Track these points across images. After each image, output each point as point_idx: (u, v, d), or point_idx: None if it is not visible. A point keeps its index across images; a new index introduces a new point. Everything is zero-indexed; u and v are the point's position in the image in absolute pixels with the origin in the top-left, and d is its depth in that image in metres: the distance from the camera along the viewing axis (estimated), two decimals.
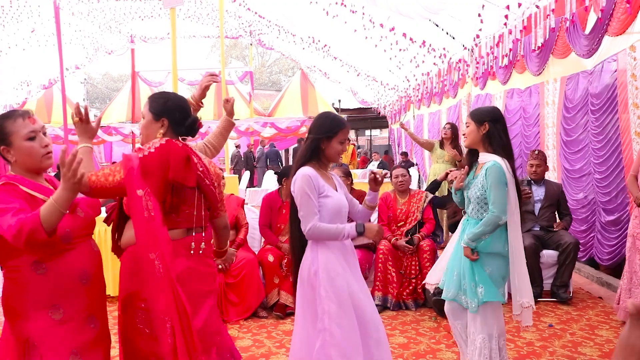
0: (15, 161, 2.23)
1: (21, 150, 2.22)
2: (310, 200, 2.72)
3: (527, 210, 5.40)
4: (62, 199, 2.05)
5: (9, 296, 2.19)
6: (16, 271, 2.16)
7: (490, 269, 3.15)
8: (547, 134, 7.21)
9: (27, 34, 12.62)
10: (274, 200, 5.24)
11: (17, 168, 2.26)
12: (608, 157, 5.62)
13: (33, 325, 2.15)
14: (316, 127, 2.86)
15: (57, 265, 2.19)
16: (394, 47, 9.97)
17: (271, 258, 4.94)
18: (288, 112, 19.12)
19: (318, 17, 10.80)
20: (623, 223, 5.44)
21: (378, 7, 8.24)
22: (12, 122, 2.21)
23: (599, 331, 4.33)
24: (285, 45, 16.37)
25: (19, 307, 2.17)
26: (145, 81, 18.86)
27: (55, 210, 2.02)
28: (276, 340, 4.27)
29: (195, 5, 14.07)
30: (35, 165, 2.25)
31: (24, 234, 1.96)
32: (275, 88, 34.94)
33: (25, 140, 2.21)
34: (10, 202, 2.08)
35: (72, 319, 2.21)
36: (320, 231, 2.72)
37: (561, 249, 5.12)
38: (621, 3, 4.67)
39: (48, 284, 2.17)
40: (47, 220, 1.99)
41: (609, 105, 5.54)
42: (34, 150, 2.23)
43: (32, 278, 2.16)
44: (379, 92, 16.44)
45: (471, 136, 3.20)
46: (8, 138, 2.21)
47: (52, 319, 2.18)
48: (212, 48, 36.39)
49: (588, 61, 5.75)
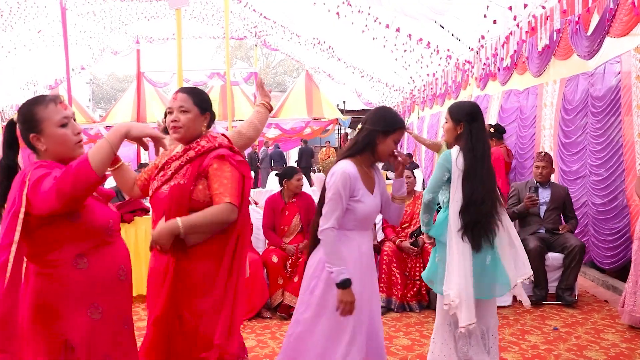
0: (45, 150, 2.06)
1: (53, 138, 2.05)
2: (340, 201, 2.57)
3: (532, 212, 5.39)
4: (114, 135, 1.95)
5: (44, 293, 2.00)
6: (55, 266, 1.99)
7: (438, 257, 3.18)
8: (543, 136, 7.23)
9: (34, 34, 12.67)
10: (276, 202, 5.24)
11: (46, 157, 2.08)
12: (607, 160, 5.61)
13: (72, 325, 2.00)
14: (374, 119, 2.69)
15: (99, 259, 2.06)
16: (400, 48, 9.97)
17: (275, 259, 4.94)
18: (293, 113, 19.11)
19: (323, 18, 10.82)
20: (622, 226, 5.42)
21: (384, 7, 8.24)
22: (44, 108, 2.04)
23: (604, 335, 4.31)
24: (290, 47, 16.39)
25: (56, 305, 1.99)
26: (151, 82, 18.89)
27: (106, 146, 1.90)
28: (280, 341, 4.26)
29: (200, 6, 14.11)
30: (67, 154, 2.08)
31: (71, 175, 1.81)
32: (280, 89, 34.94)
33: (58, 127, 2.05)
34: (51, 169, 1.97)
35: (109, 319, 2.09)
36: (330, 241, 2.57)
37: (567, 251, 5.10)
38: (624, 4, 4.65)
39: (89, 280, 2.03)
40: (97, 159, 1.85)
41: (612, 108, 5.53)
42: (67, 137, 2.07)
43: (72, 273, 2.00)
44: (383, 93, 16.43)
45: (449, 134, 3.20)
46: (39, 125, 2.04)
47: (92, 318, 2.04)
48: (217, 49, 36.47)
49: (589, 63, 5.73)
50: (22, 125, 2.08)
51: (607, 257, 5.65)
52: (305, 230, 5.22)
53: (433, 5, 7.09)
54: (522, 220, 5.48)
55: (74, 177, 1.81)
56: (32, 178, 1.91)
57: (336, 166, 2.64)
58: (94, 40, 15.49)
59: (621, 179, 5.41)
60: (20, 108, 2.09)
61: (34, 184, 1.89)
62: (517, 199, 5.45)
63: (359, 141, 2.69)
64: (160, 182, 2.42)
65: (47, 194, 1.83)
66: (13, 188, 1.97)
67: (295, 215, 5.21)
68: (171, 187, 2.37)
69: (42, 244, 1.98)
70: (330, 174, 2.64)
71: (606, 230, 5.67)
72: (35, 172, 1.93)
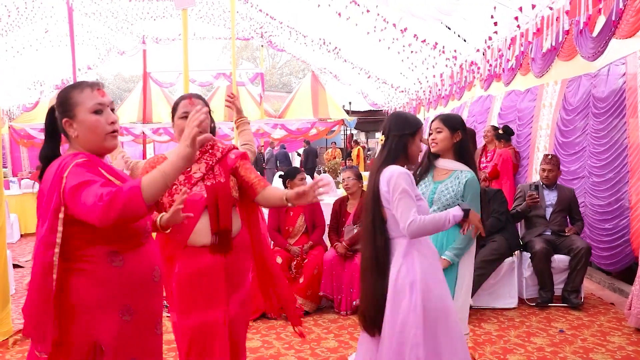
0: (76, 137, 1.96)
1: (85, 124, 1.94)
2: (410, 198, 2.53)
3: (538, 214, 5.38)
4: (171, 168, 1.77)
5: (76, 291, 1.88)
6: (90, 262, 1.88)
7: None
8: (539, 136, 7.25)
9: (41, 34, 12.72)
10: None
11: (77, 146, 1.98)
12: (611, 161, 5.59)
13: (103, 326, 1.90)
14: (399, 125, 2.71)
15: (134, 258, 1.96)
16: (406, 49, 9.95)
17: (279, 260, 4.94)
18: (298, 113, 19.12)
19: (329, 19, 10.80)
20: (622, 228, 5.40)
21: (390, 7, 8.22)
22: (79, 93, 1.95)
23: (610, 337, 4.28)
24: (297, 47, 16.39)
25: (88, 303, 1.88)
26: (157, 82, 18.92)
27: (160, 179, 1.75)
28: (285, 342, 4.26)
29: (207, 7, 14.12)
30: (97, 143, 1.97)
31: (119, 203, 1.67)
32: (286, 90, 34.98)
33: (91, 113, 1.94)
34: (96, 175, 1.84)
35: (140, 322, 1.99)
36: (424, 224, 2.49)
37: (573, 254, 5.08)
38: (631, 5, 4.63)
39: (123, 279, 1.92)
40: (149, 191, 1.72)
41: (616, 109, 5.51)
42: (99, 125, 1.95)
43: (107, 270, 1.90)
44: (389, 94, 16.41)
45: (444, 143, 3.20)
46: (73, 109, 1.94)
47: (123, 320, 1.93)
48: (223, 49, 36.56)
49: (593, 64, 5.72)
50: (57, 109, 2.00)
51: (603, 258, 5.62)
52: (310, 231, 5.22)
53: (440, 6, 7.07)
54: (528, 222, 5.47)
55: (123, 206, 1.68)
56: (71, 179, 1.79)
57: (389, 170, 2.59)
58: (101, 41, 15.53)
59: (625, 181, 5.39)
60: (60, 92, 2.01)
61: (72, 189, 1.77)
62: (522, 200, 5.44)
63: (391, 149, 2.69)
64: (189, 185, 2.54)
65: (89, 209, 1.72)
66: (48, 179, 1.86)
67: (300, 216, 5.20)
68: (208, 187, 2.54)
69: (76, 239, 1.87)
70: (386, 181, 2.56)
71: (604, 232, 5.66)
72: (74, 173, 1.81)
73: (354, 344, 4.18)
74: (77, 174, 1.80)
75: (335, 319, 4.81)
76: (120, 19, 14.34)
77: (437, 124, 3.23)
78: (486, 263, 4.94)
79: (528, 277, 5.21)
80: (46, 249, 1.79)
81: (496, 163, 7.42)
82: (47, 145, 2.03)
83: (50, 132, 2.04)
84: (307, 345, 4.18)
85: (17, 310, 4.99)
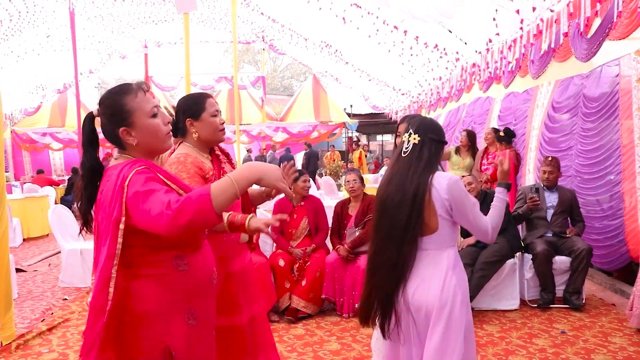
0: (136, 144, 1.87)
1: (146, 129, 1.86)
2: (476, 204, 2.44)
3: (539, 216, 5.39)
4: (243, 177, 1.74)
5: (145, 297, 1.82)
6: (157, 267, 1.84)
7: None
8: (532, 136, 7.30)
9: (43, 39, 12.76)
10: (285, 206, 5.24)
11: (135, 153, 1.89)
12: (601, 161, 5.61)
13: (172, 331, 1.85)
14: (436, 131, 2.49)
15: (197, 261, 1.93)
16: (407, 52, 9.97)
17: (282, 263, 4.95)
18: (300, 117, 19.16)
19: (330, 22, 10.82)
20: (615, 227, 5.42)
21: (391, 8, 8.24)
22: (133, 98, 1.85)
23: (612, 338, 4.29)
24: (298, 50, 16.43)
25: (156, 309, 1.83)
26: (158, 86, 18.97)
27: (231, 188, 1.70)
28: (288, 345, 4.27)
29: (208, 10, 14.16)
30: (158, 146, 1.92)
31: (189, 212, 1.62)
32: (288, 93, 35.02)
33: (150, 117, 1.87)
34: (158, 183, 1.78)
35: (203, 325, 1.96)
36: (496, 222, 2.49)
37: (574, 255, 5.09)
38: (626, 7, 4.65)
39: (188, 283, 1.89)
40: (219, 200, 1.67)
41: (608, 109, 5.55)
42: (160, 128, 1.90)
43: (173, 275, 1.86)
44: (390, 97, 16.43)
45: None
46: (130, 117, 1.84)
47: (188, 324, 1.90)
48: (225, 53, 36.57)
49: (587, 65, 5.77)
50: (108, 118, 1.88)
51: (597, 257, 5.64)
52: (313, 234, 5.22)
53: (441, 7, 7.08)
54: (530, 224, 5.48)
55: (193, 215, 1.63)
56: (134, 188, 1.73)
57: (446, 178, 2.42)
58: (103, 45, 15.58)
59: (617, 181, 5.42)
60: (105, 100, 1.90)
61: (136, 197, 1.71)
62: (523, 202, 5.46)
63: (432, 154, 2.46)
64: None
65: (154, 218, 1.66)
66: (108, 190, 1.78)
67: (303, 219, 5.21)
68: None
69: (139, 246, 1.81)
70: (446, 188, 2.38)
71: (595, 230, 5.70)
72: (135, 182, 1.75)
73: (357, 346, 4.19)
74: (138, 183, 1.74)
75: (337, 322, 4.82)
76: (122, 23, 14.38)
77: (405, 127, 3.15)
78: (488, 265, 4.96)
79: (530, 278, 5.22)
80: (107, 262, 1.74)
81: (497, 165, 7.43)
82: (90, 155, 1.90)
83: (91, 140, 1.92)
84: (309, 347, 4.19)
85: (19, 315, 5.02)
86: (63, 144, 18.29)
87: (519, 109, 7.91)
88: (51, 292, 5.98)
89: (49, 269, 7.28)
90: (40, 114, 17.91)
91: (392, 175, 2.49)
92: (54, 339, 4.47)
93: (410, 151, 2.46)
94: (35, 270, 7.20)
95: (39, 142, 18.04)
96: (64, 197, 13.35)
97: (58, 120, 18.60)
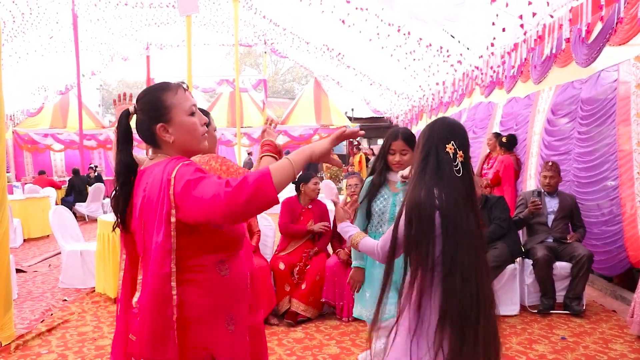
0: (173, 142, 1.84)
1: (184, 127, 1.84)
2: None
3: (540, 221, 5.39)
4: (301, 158, 1.71)
5: (189, 302, 1.76)
6: (202, 271, 1.79)
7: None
8: (533, 141, 7.32)
9: (46, 40, 12.80)
10: (294, 205, 5.26)
11: (171, 151, 1.86)
12: (596, 165, 5.64)
13: (215, 337, 1.82)
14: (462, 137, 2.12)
15: (236, 266, 1.90)
16: (409, 56, 9.98)
17: (282, 266, 4.95)
18: (301, 120, 19.17)
19: (332, 25, 10.84)
20: (614, 233, 5.42)
21: (395, 9, 8.25)
22: (173, 94, 1.84)
23: (612, 345, 4.28)
24: (299, 54, 16.45)
25: (200, 315, 1.79)
26: None
27: (289, 167, 1.66)
28: (287, 348, 4.27)
29: (210, 13, 14.19)
30: (194, 146, 1.89)
31: (250, 187, 1.56)
32: (289, 96, 35.06)
33: (188, 115, 1.85)
34: (199, 168, 1.73)
35: (239, 330, 1.91)
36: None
37: (574, 261, 5.08)
38: (626, 13, 4.66)
39: (229, 288, 1.85)
40: (279, 177, 1.62)
41: (604, 114, 5.57)
42: (197, 127, 1.87)
43: (216, 280, 1.82)
44: (391, 101, 16.45)
45: (408, 164, 3.06)
46: (169, 113, 1.82)
47: (228, 330, 1.85)
48: (227, 55, 36.60)
49: (586, 70, 5.78)
50: (146, 114, 1.85)
51: (596, 262, 5.63)
52: (316, 237, 5.22)
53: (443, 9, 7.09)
54: (530, 229, 5.48)
55: (253, 191, 1.57)
56: (183, 178, 1.68)
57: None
58: (105, 47, 15.61)
59: (615, 187, 5.43)
60: (144, 95, 1.87)
61: (187, 186, 1.66)
62: (524, 207, 5.45)
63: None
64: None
65: (211, 201, 1.60)
66: (154, 187, 1.73)
67: (310, 222, 5.21)
68: None
69: (185, 249, 1.75)
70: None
71: (594, 236, 5.71)
72: (185, 172, 1.70)
73: (356, 350, 4.18)
74: (188, 173, 1.69)
75: (337, 325, 4.81)
76: (124, 25, 14.41)
77: (403, 145, 3.10)
78: None
79: (530, 284, 5.21)
80: (164, 258, 1.70)
81: (497, 170, 7.43)
82: (126, 151, 1.88)
83: (126, 136, 1.89)
84: (309, 351, 4.19)
85: (19, 315, 5.02)
86: (64, 145, 18.32)
87: (521, 114, 7.94)
88: (51, 293, 5.98)
89: (49, 269, 7.28)
90: (42, 115, 17.94)
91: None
92: (54, 340, 4.46)
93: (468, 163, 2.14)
94: (35, 271, 7.20)
95: (41, 143, 18.07)
96: (65, 198, 13.36)
97: (60, 122, 18.63)
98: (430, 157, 2.07)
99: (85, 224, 11.92)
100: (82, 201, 12.91)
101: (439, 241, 1.96)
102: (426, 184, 2.01)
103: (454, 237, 1.94)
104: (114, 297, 5.56)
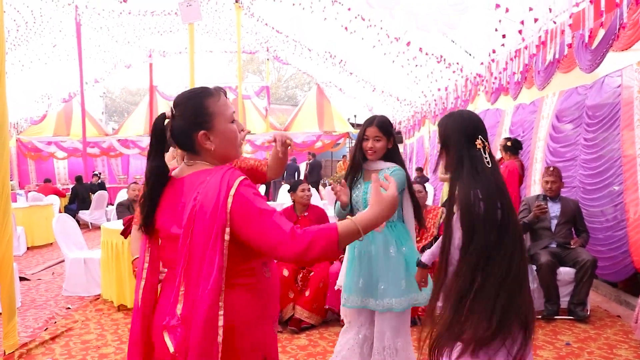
0: (213, 150, 1.77)
1: (226, 135, 1.78)
2: None
3: (543, 226, 5.37)
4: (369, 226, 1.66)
5: (241, 306, 1.73)
6: (251, 275, 1.76)
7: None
8: (537, 147, 7.31)
9: (49, 48, 12.86)
10: (290, 216, 5.26)
11: (210, 159, 1.79)
12: (602, 172, 5.63)
13: (266, 339, 1.81)
14: (484, 128, 2.24)
15: (273, 267, 1.89)
16: (411, 62, 10.00)
17: (286, 272, 4.95)
18: (304, 126, 19.22)
19: (335, 32, 10.88)
20: (618, 238, 5.40)
21: (396, 19, 8.27)
22: (216, 101, 1.76)
23: (617, 350, 4.26)
24: (302, 61, 16.50)
25: (251, 318, 1.75)
26: (163, 95, 19.08)
27: (355, 233, 1.65)
28: (291, 355, 4.26)
29: (213, 21, 14.25)
30: (233, 154, 1.84)
31: (317, 250, 1.59)
32: (292, 103, 35.12)
33: (230, 122, 1.79)
34: (264, 200, 1.70)
35: (274, 331, 1.91)
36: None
37: (578, 266, 5.07)
38: (629, 19, 4.67)
39: (272, 289, 1.86)
40: (344, 241, 1.64)
41: (609, 120, 5.57)
42: (236, 135, 1.82)
43: (263, 282, 1.80)
44: (394, 107, 16.47)
45: (382, 152, 3.10)
46: (212, 121, 1.75)
47: (274, 331, 1.86)
48: (229, 63, 36.71)
49: (590, 76, 5.79)
50: (187, 120, 1.76)
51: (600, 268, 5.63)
52: None
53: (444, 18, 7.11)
54: (534, 235, 5.47)
55: (321, 253, 1.61)
56: (244, 201, 1.64)
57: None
58: (108, 54, 15.69)
59: (620, 192, 5.42)
60: (185, 101, 1.78)
61: (248, 214, 1.64)
62: (527, 213, 5.44)
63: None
64: None
65: (276, 246, 1.62)
66: (208, 199, 1.65)
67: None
68: None
69: (235, 255, 1.70)
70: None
71: (598, 241, 5.70)
72: (244, 195, 1.65)
73: None
74: (248, 196, 1.65)
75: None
76: (127, 33, 14.48)
77: (376, 131, 3.08)
78: None
79: (534, 289, 5.19)
80: (219, 273, 1.64)
81: (502, 175, 7.43)
82: (158, 156, 1.79)
83: (160, 141, 1.80)
84: (312, 358, 4.18)
85: (22, 324, 5.02)
86: (68, 153, 18.38)
87: (526, 121, 7.93)
88: (54, 301, 5.99)
89: (52, 277, 7.28)
90: (45, 122, 18.03)
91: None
92: (57, 348, 4.46)
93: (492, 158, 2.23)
94: (38, 279, 7.21)
95: (44, 151, 18.15)
96: (68, 205, 13.39)
97: (63, 129, 18.71)
98: (464, 159, 2.12)
99: (88, 231, 11.94)
100: (86, 209, 12.94)
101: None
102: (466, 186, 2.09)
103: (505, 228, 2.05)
104: (118, 305, 5.56)
